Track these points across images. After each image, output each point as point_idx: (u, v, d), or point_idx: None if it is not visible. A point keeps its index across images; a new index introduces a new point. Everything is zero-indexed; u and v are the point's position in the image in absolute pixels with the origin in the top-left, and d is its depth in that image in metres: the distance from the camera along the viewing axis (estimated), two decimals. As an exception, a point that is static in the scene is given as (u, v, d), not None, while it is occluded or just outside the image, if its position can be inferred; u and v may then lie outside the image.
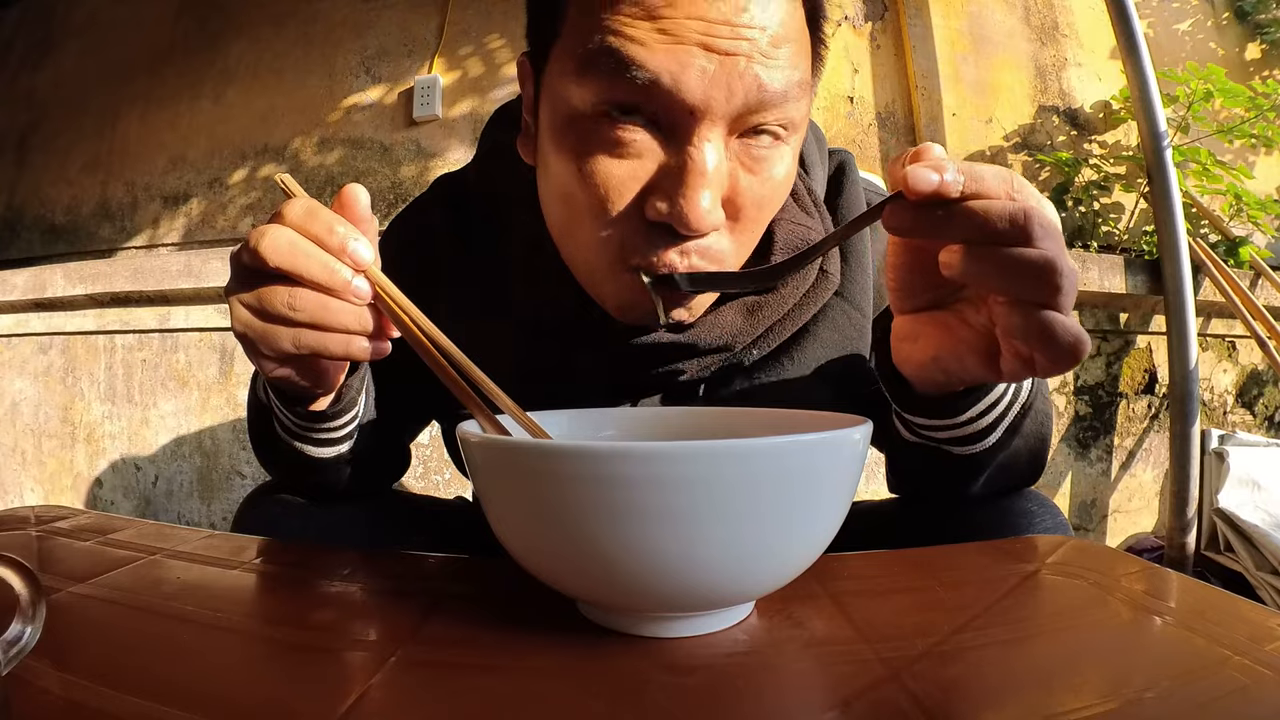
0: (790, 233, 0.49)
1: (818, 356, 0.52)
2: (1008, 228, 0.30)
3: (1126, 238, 1.81)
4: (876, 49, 1.81)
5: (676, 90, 0.37)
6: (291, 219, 0.34)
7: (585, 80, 0.39)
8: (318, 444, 0.49)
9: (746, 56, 0.37)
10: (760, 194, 0.42)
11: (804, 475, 0.29)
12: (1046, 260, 0.30)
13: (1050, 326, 0.30)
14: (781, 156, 0.42)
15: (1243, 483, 1.45)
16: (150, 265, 1.62)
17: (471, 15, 1.75)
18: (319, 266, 0.33)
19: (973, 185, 0.31)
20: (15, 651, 0.24)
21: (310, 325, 0.34)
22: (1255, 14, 2.07)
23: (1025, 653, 0.32)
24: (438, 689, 0.29)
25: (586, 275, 0.46)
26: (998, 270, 0.31)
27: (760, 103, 0.38)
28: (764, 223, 0.44)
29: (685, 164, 0.38)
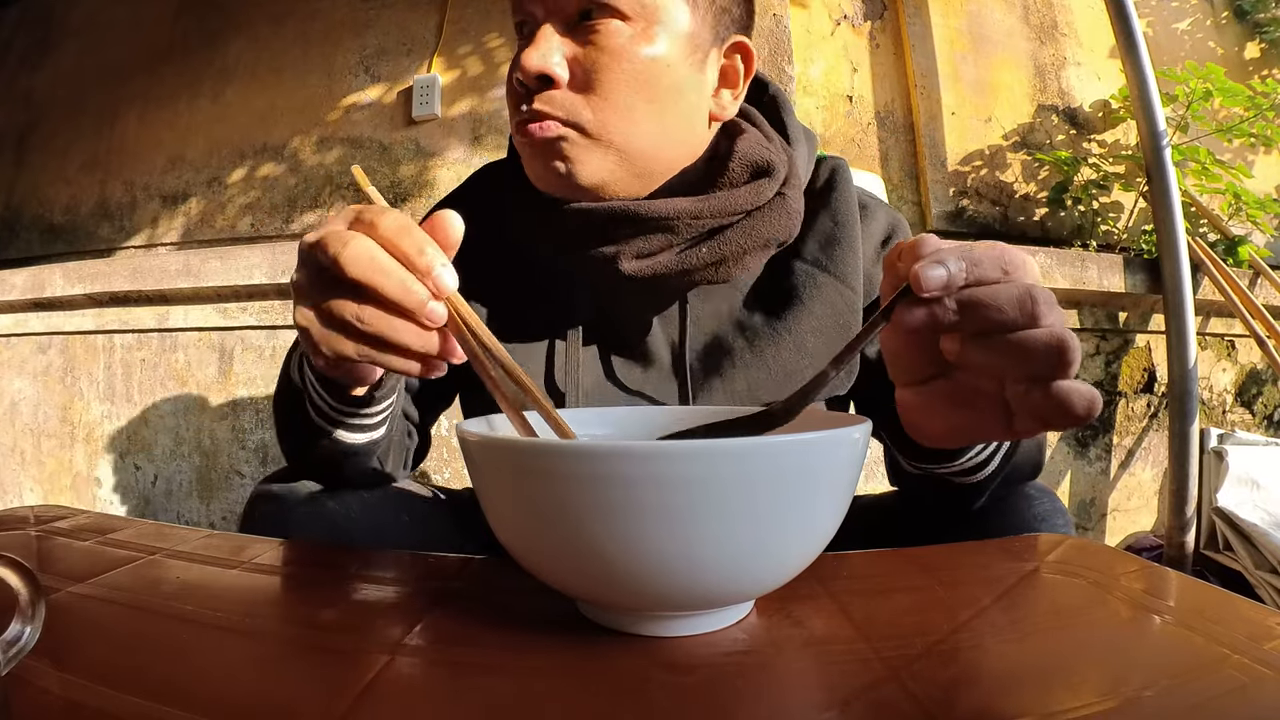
0: (749, 148, 0.54)
1: (812, 328, 0.55)
2: (1016, 314, 0.30)
3: (1125, 237, 1.81)
4: (875, 48, 1.81)
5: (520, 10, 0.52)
6: (383, 231, 0.33)
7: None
8: (351, 429, 0.49)
9: None
10: (598, 60, 0.50)
11: (803, 474, 0.29)
12: (1055, 340, 0.30)
13: (1066, 398, 0.30)
14: (621, 34, 0.50)
15: (1242, 481, 1.45)
16: (149, 265, 1.62)
17: (471, 14, 1.74)
18: (397, 286, 0.33)
19: (974, 272, 0.31)
20: (15, 651, 0.24)
21: (374, 339, 0.34)
22: (1254, 13, 2.07)
23: (1024, 651, 0.32)
24: (437, 688, 0.29)
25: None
26: (1009, 357, 0.31)
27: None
28: (610, 87, 0.50)
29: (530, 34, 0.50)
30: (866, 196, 0.62)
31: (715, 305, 0.57)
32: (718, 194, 0.52)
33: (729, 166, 0.53)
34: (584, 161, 0.51)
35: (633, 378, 0.57)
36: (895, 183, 1.76)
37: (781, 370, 0.55)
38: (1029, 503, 0.53)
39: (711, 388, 0.55)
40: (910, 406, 0.36)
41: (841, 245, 0.56)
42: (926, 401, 0.35)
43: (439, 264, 0.33)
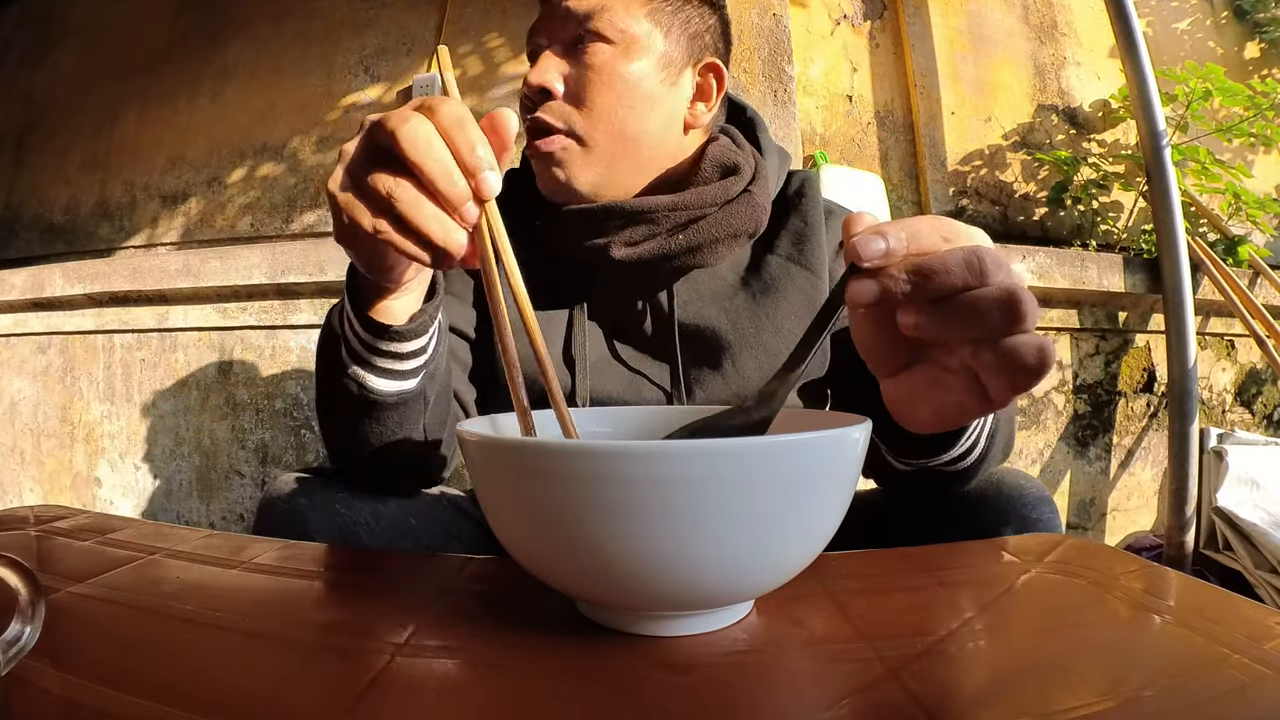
0: (719, 153, 0.63)
1: (786, 311, 0.63)
2: (965, 275, 0.30)
3: (1125, 236, 1.81)
4: (875, 48, 1.81)
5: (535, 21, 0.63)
6: (441, 119, 0.33)
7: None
8: (382, 374, 0.48)
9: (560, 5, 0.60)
10: (586, 75, 0.60)
11: (802, 474, 0.29)
12: (1005, 292, 0.30)
13: (1014, 350, 0.30)
14: (604, 54, 0.59)
15: (1241, 481, 1.45)
16: (149, 265, 1.62)
17: (470, 14, 1.74)
18: (443, 174, 0.33)
19: (915, 241, 0.31)
20: (15, 651, 0.24)
21: (396, 217, 0.34)
22: (1254, 13, 2.07)
23: (1024, 651, 0.32)
24: (437, 688, 0.29)
25: None
26: (963, 318, 0.31)
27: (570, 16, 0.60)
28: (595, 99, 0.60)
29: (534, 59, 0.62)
30: (832, 204, 0.70)
31: (702, 296, 0.64)
32: (691, 190, 0.61)
33: (700, 166, 0.62)
34: (580, 168, 0.61)
35: (630, 356, 0.64)
36: (895, 182, 1.76)
37: (762, 349, 0.62)
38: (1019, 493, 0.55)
39: (699, 365, 0.62)
40: (894, 398, 0.37)
41: (810, 242, 0.65)
42: (908, 390, 0.36)
43: (487, 165, 0.34)
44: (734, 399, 0.61)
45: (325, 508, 0.53)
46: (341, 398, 0.50)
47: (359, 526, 0.53)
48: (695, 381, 0.62)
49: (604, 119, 0.60)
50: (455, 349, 0.63)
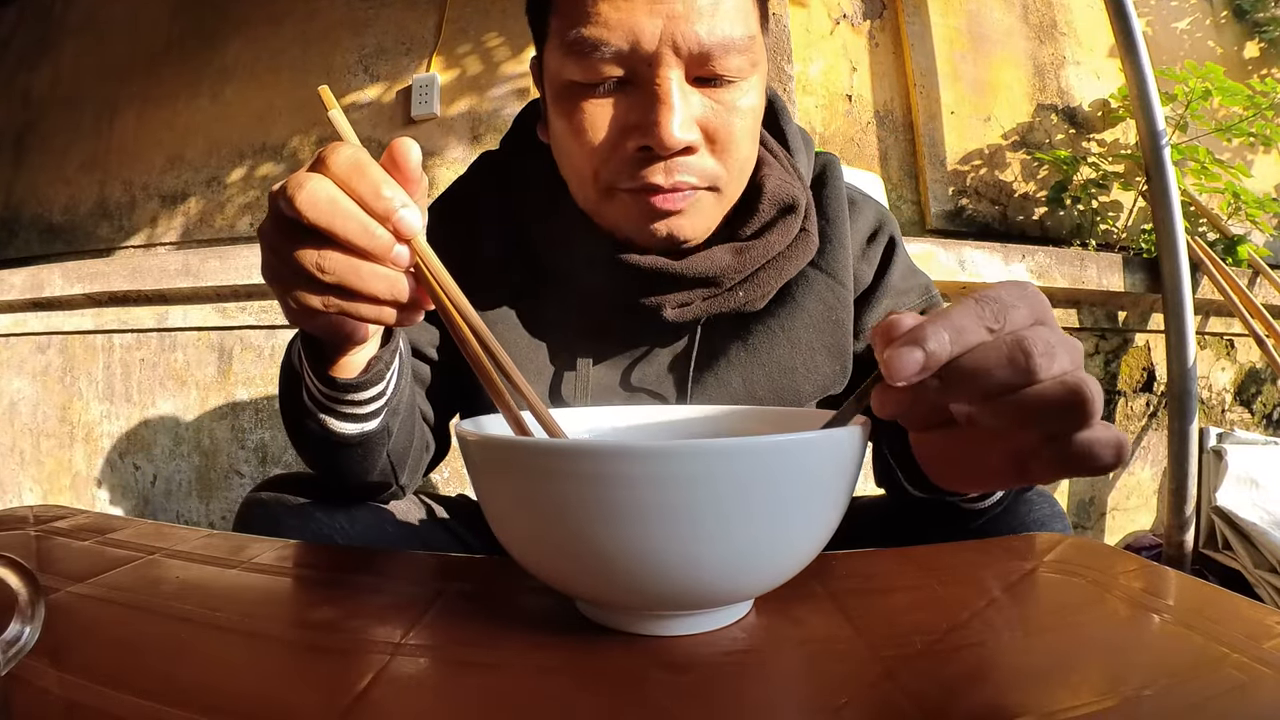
0: (777, 186, 0.55)
1: (805, 323, 0.57)
2: (1009, 374, 0.26)
3: (1125, 236, 1.81)
4: (875, 47, 1.81)
5: (635, 50, 0.46)
6: (336, 171, 0.31)
7: (568, 62, 0.48)
8: (343, 419, 0.47)
9: (684, 16, 0.45)
10: (729, 119, 0.49)
11: (802, 473, 0.29)
12: (1068, 392, 0.26)
13: (1089, 450, 0.26)
14: (743, 90, 0.49)
15: (1241, 481, 1.45)
16: (148, 264, 1.62)
17: (470, 13, 1.74)
18: (358, 229, 0.31)
19: (959, 339, 0.27)
20: (14, 651, 0.24)
21: (339, 287, 0.32)
22: (1254, 12, 2.07)
23: (1023, 651, 0.32)
24: (436, 687, 0.29)
25: (592, 209, 0.53)
26: (1020, 417, 0.27)
27: (705, 53, 0.46)
28: (743, 146, 0.51)
29: (653, 99, 0.47)
30: (855, 192, 0.63)
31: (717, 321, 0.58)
32: (754, 244, 0.54)
33: (759, 207, 0.54)
34: (703, 219, 0.52)
35: (637, 378, 0.58)
36: (894, 182, 1.76)
37: (776, 366, 0.57)
38: (1029, 507, 0.53)
39: (707, 384, 0.57)
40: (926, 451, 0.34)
41: (833, 243, 0.58)
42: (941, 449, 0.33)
43: (399, 204, 0.32)
44: None
45: (300, 513, 0.53)
46: (305, 435, 0.50)
47: (334, 532, 0.53)
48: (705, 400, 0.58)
49: (743, 167, 0.52)
50: (418, 371, 0.59)
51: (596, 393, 0.57)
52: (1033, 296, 0.28)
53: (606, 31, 0.46)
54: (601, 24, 0.46)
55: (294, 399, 0.49)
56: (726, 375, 0.57)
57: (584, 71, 0.47)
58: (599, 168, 0.50)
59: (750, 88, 0.50)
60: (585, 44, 0.46)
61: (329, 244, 0.32)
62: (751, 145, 0.52)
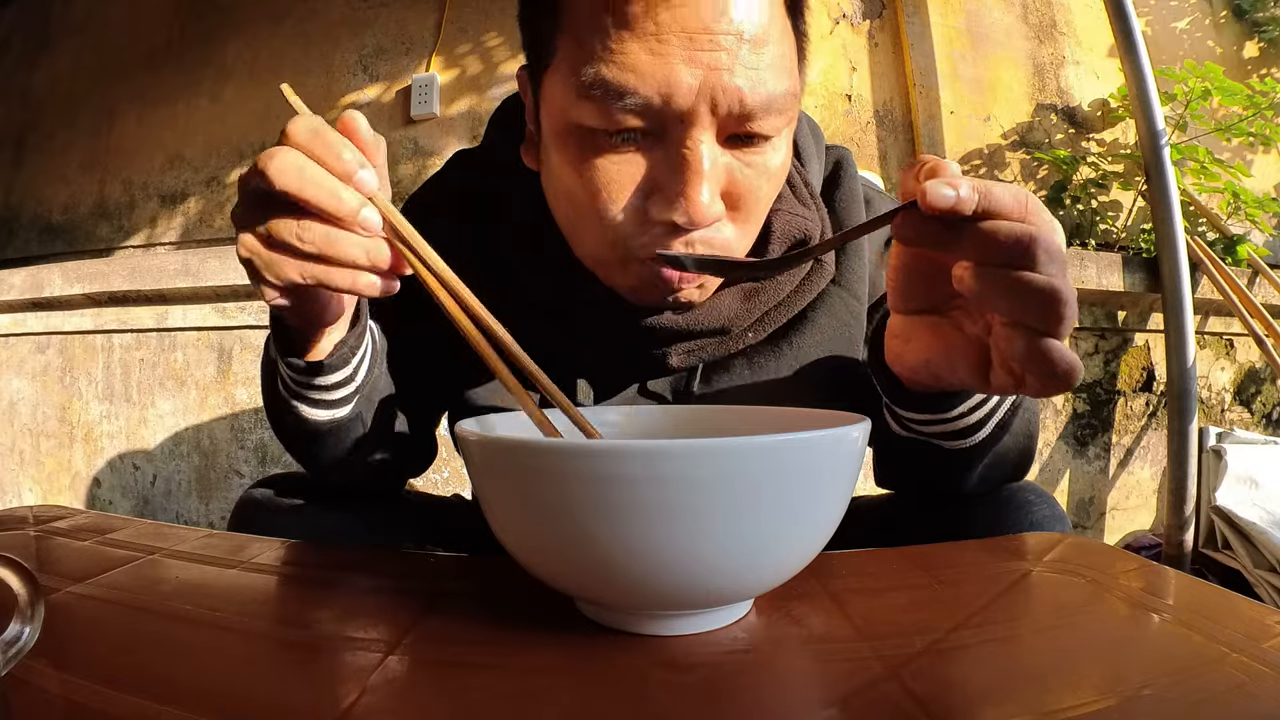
0: (787, 223, 0.51)
1: (816, 342, 0.54)
2: (1012, 250, 0.30)
3: (1124, 235, 1.81)
4: (874, 47, 1.81)
5: (667, 105, 0.39)
6: (297, 140, 0.32)
7: (582, 104, 0.41)
8: (314, 405, 0.47)
9: (728, 69, 0.39)
10: (757, 184, 0.44)
11: (803, 473, 0.29)
12: (1052, 288, 0.30)
13: (1048, 354, 0.30)
14: (775, 148, 0.44)
15: (1240, 480, 1.45)
16: (148, 264, 1.61)
17: (469, 13, 1.74)
18: (327, 194, 0.32)
19: (985, 203, 0.30)
20: (14, 652, 0.24)
21: (318, 256, 0.33)
22: (1253, 12, 2.07)
23: (1023, 650, 0.32)
24: (436, 687, 0.29)
25: (597, 265, 0.48)
26: (1004, 293, 0.31)
27: (745, 115, 0.40)
28: (764, 209, 0.46)
29: (682, 165, 0.40)
30: (871, 191, 0.59)
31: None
32: (763, 288, 0.51)
33: (769, 246, 0.51)
34: (714, 284, 0.49)
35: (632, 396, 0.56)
36: (894, 181, 1.76)
37: (783, 392, 0.54)
38: (1027, 509, 0.52)
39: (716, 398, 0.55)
40: (897, 334, 0.37)
41: (848, 251, 0.54)
42: (913, 330, 0.36)
43: (357, 165, 0.33)
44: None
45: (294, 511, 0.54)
46: (283, 423, 0.50)
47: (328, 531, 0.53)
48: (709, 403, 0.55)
49: (757, 226, 0.47)
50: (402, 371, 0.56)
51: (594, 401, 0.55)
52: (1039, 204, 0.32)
53: (635, 79, 0.39)
54: (629, 69, 0.39)
55: (273, 391, 0.49)
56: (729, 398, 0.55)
57: (600, 119, 0.40)
58: (610, 228, 0.44)
59: (782, 143, 0.45)
60: (609, 89, 0.39)
61: (304, 215, 0.33)
62: (768, 205, 0.47)
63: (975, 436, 0.47)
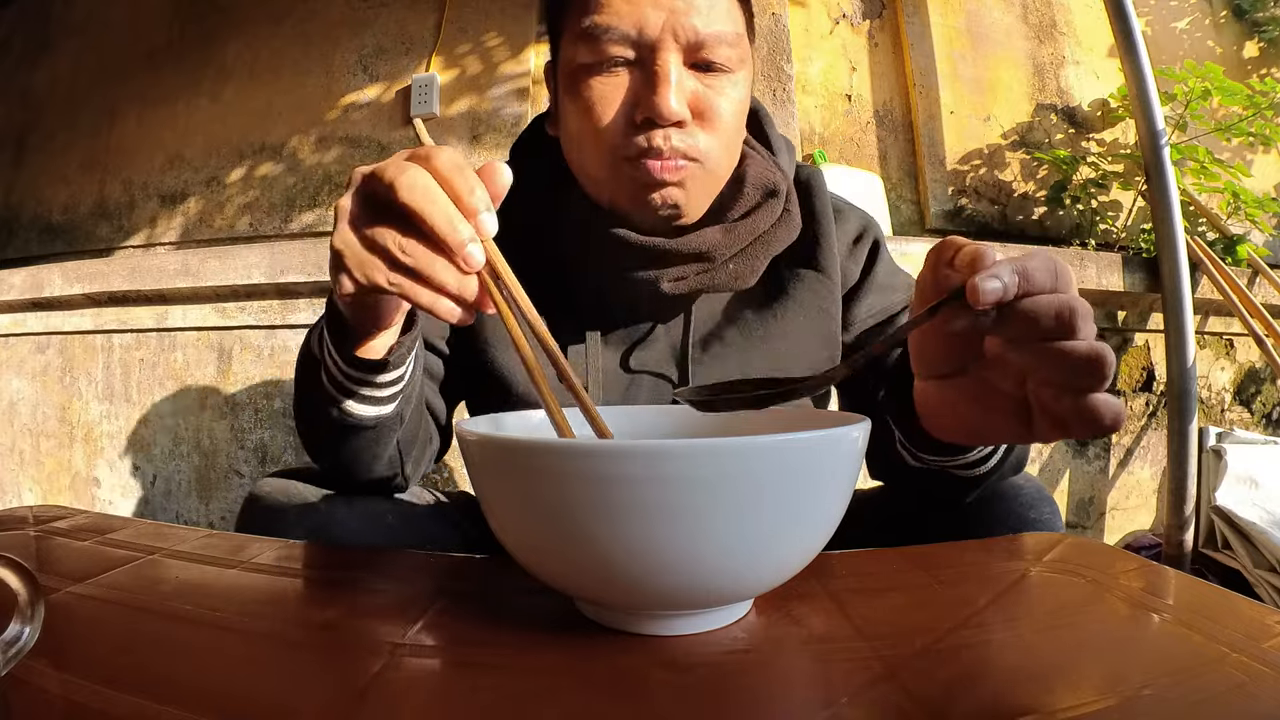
0: (759, 174, 0.60)
1: (796, 313, 0.63)
2: (1054, 325, 0.31)
3: (1124, 235, 1.81)
4: (874, 47, 1.81)
5: (640, 35, 0.53)
6: (439, 164, 0.34)
7: (580, 45, 0.54)
8: (362, 401, 0.49)
9: (684, 11, 0.52)
10: (718, 102, 0.55)
11: (803, 473, 0.29)
12: (1096, 353, 0.31)
13: (1096, 410, 0.31)
14: (732, 82, 0.56)
15: (1240, 480, 1.45)
16: (148, 264, 1.61)
17: (469, 13, 1.74)
18: (444, 219, 0.33)
19: (1026, 285, 0.32)
20: (14, 652, 0.24)
21: (411, 271, 0.35)
22: (1253, 12, 2.07)
23: (1023, 650, 0.32)
24: (437, 687, 0.29)
25: (599, 185, 0.58)
26: (1051, 364, 0.32)
27: (700, 43, 0.53)
28: (728, 125, 0.56)
29: (653, 77, 0.53)
30: (839, 201, 0.69)
31: (712, 303, 0.64)
32: (741, 224, 0.59)
33: (744, 190, 0.59)
34: (700, 194, 0.57)
35: (640, 361, 0.63)
36: (894, 181, 1.76)
37: (770, 351, 0.62)
38: (1015, 490, 0.56)
39: (708, 370, 0.62)
40: (930, 400, 0.38)
41: (821, 244, 0.64)
42: (947, 397, 0.37)
43: (484, 206, 0.34)
44: None
45: (301, 507, 0.55)
46: (321, 418, 0.51)
47: (334, 524, 0.54)
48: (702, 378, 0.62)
49: (733, 147, 0.58)
50: (429, 364, 0.62)
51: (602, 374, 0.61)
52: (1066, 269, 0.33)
53: (616, 19, 0.53)
54: (612, 13, 0.53)
55: (313, 385, 0.50)
56: (724, 359, 0.62)
57: (594, 53, 0.54)
58: (605, 138, 0.55)
59: (737, 80, 0.56)
60: (597, 29, 0.53)
61: (411, 230, 0.34)
62: (736, 130, 0.58)
63: (988, 464, 0.51)
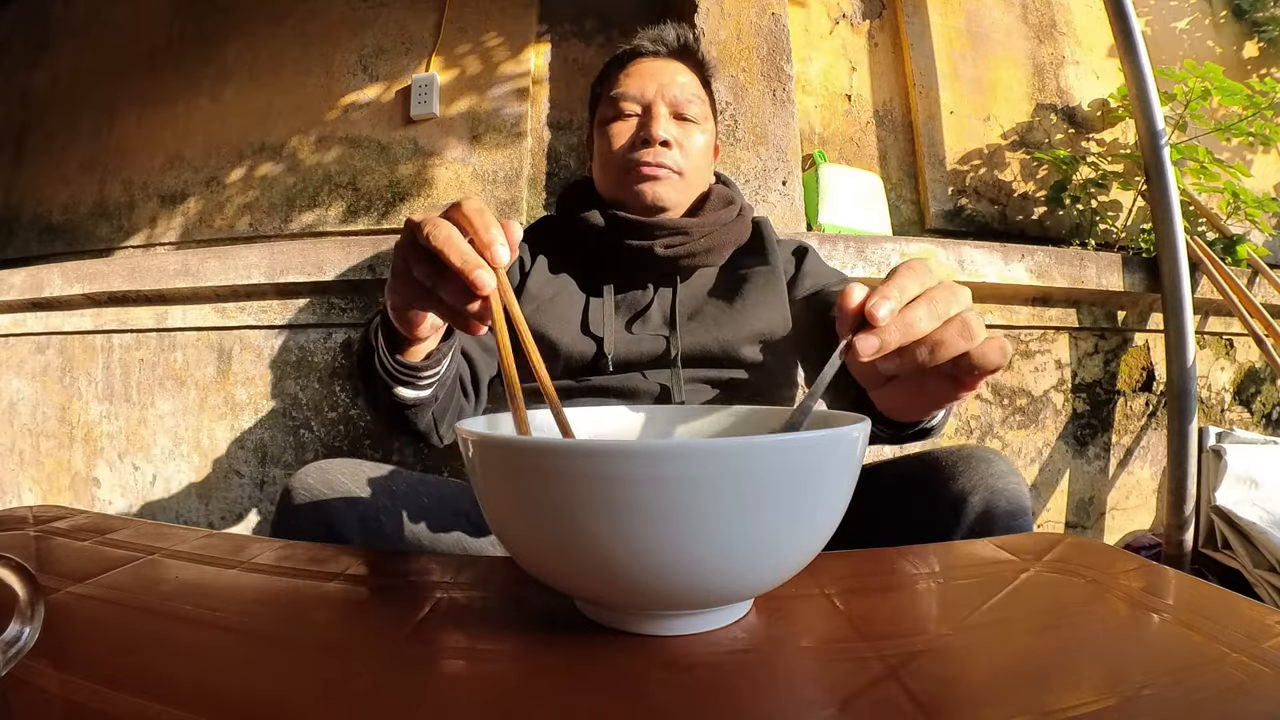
0: (720, 190, 0.95)
1: (753, 288, 0.89)
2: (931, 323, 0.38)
3: (1124, 235, 1.81)
4: (874, 47, 1.81)
5: (642, 97, 0.90)
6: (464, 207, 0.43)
7: (609, 106, 0.92)
8: (407, 386, 0.66)
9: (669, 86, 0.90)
10: (689, 138, 0.90)
11: (803, 473, 0.29)
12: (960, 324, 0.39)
13: (984, 358, 0.39)
14: (699, 129, 0.91)
15: (1240, 480, 1.45)
16: (147, 264, 1.61)
17: (469, 13, 1.74)
18: (457, 254, 0.41)
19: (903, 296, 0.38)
20: (14, 652, 0.24)
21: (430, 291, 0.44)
22: (1253, 12, 2.07)
23: (1023, 650, 0.32)
24: (437, 687, 0.29)
25: (610, 184, 0.91)
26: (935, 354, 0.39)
27: (677, 102, 0.90)
28: (696, 156, 0.91)
29: (649, 119, 0.89)
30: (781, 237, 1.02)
31: (696, 288, 0.91)
32: (709, 214, 0.91)
33: (710, 198, 0.93)
34: (676, 193, 0.89)
35: (640, 325, 0.87)
36: (894, 181, 1.76)
37: (736, 312, 0.87)
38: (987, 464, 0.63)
39: (692, 332, 0.86)
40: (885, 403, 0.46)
41: (769, 249, 0.94)
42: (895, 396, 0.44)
43: (499, 241, 0.42)
44: (715, 343, 0.84)
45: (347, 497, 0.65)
46: (375, 393, 0.68)
47: (380, 511, 0.66)
48: (689, 336, 0.85)
49: (699, 171, 0.92)
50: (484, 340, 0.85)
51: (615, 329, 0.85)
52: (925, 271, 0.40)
53: (631, 89, 0.90)
54: (628, 87, 0.90)
55: (369, 368, 0.65)
56: (703, 323, 0.86)
57: (615, 110, 0.90)
58: (617, 155, 0.89)
59: (703, 129, 0.92)
60: (619, 95, 0.90)
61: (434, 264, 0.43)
62: (703, 158, 0.92)
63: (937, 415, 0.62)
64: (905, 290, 0.38)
